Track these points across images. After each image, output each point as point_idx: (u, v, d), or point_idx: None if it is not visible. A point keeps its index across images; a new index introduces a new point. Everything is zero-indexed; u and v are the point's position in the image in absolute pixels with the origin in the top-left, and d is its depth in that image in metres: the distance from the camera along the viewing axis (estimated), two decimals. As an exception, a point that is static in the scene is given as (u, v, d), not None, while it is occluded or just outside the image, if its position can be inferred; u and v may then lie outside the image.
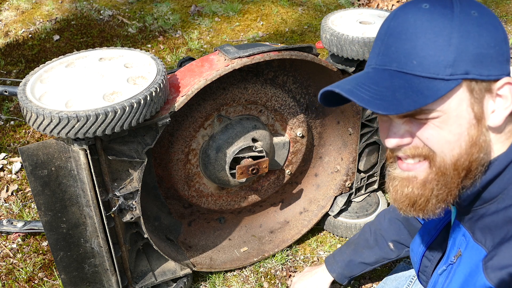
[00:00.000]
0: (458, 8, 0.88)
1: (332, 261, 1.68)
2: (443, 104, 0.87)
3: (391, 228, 1.58)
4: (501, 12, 3.95)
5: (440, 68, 0.86)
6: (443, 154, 0.90)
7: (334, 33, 1.67)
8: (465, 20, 0.87)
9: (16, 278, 1.89)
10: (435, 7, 0.89)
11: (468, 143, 0.89)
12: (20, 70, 3.04)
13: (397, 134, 0.93)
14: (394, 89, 0.87)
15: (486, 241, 0.95)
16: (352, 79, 0.92)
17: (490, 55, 0.87)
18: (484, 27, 0.87)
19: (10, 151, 2.48)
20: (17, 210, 2.18)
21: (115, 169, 1.44)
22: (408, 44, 0.88)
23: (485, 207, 0.96)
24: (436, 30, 0.87)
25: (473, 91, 0.88)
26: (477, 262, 0.95)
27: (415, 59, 0.87)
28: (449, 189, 0.93)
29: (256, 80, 1.70)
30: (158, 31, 3.49)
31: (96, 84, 1.35)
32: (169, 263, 1.76)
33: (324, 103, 0.96)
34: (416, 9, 0.90)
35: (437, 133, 0.89)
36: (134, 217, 1.53)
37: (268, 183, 1.96)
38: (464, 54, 0.86)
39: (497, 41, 0.88)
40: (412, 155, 0.94)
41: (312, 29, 3.61)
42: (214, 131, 1.71)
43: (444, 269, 1.09)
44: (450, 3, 0.89)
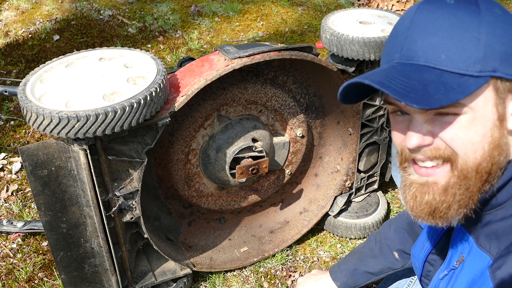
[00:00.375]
0: (483, 5, 0.86)
1: (337, 269, 1.64)
2: (471, 102, 0.85)
3: (396, 238, 1.54)
4: (501, 12, 3.95)
5: (470, 64, 0.84)
6: (466, 156, 0.87)
7: (334, 33, 1.67)
8: (491, 17, 0.85)
9: (16, 278, 1.89)
10: (460, 3, 0.87)
11: (491, 145, 0.87)
12: (20, 70, 3.04)
13: (418, 134, 0.89)
14: (425, 83, 0.83)
15: (491, 247, 0.92)
16: (379, 72, 0.88)
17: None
18: (509, 25, 0.86)
19: (10, 151, 2.48)
20: (17, 210, 2.18)
21: (115, 169, 1.44)
22: (435, 38, 0.86)
23: (492, 213, 0.93)
24: (464, 25, 0.85)
25: (498, 90, 0.85)
26: (481, 269, 0.92)
27: (443, 53, 0.85)
28: (471, 193, 0.90)
29: (256, 80, 1.70)
30: (158, 31, 3.49)
31: (96, 84, 1.35)
32: (169, 263, 1.76)
33: (344, 98, 0.93)
34: (441, 3, 0.88)
35: (462, 133, 0.86)
36: (134, 217, 1.53)
37: (268, 183, 1.96)
38: (492, 51, 0.84)
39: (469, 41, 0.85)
40: (432, 156, 0.90)
41: (312, 29, 3.61)
42: (214, 131, 1.71)
43: (445, 273, 1.06)
44: (474, 0, 0.87)
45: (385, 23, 1.76)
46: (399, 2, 4.05)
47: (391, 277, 1.66)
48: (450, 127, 0.87)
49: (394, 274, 1.64)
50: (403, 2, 4.06)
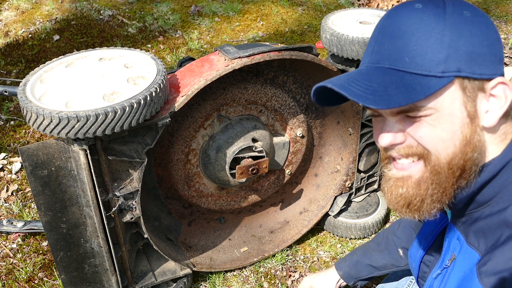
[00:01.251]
0: (451, 8, 0.89)
1: (342, 260, 1.68)
2: (436, 101, 0.87)
3: (403, 235, 1.56)
4: (501, 12, 3.95)
5: (432, 65, 0.87)
6: (438, 153, 0.90)
7: (334, 33, 1.67)
8: (457, 20, 0.88)
9: (16, 278, 1.89)
10: (428, 7, 0.90)
11: (462, 142, 0.89)
12: (20, 70, 3.04)
13: (390, 132, 0.94)
14: (386, 85, 0.87)
15: (480, 244, 0.94)
16: (345, 76, 0.92)
17: (482, 54, 0.87)
18: (477, 26, 0.88)
19: (10, 151, 2.48)
20: (17, 210, 2.18)
21: (115, 169, 1.44)
22: (400, 42, 0.89)
23: (479, 210, 0.95)
24: (428, 28, 0.88)
25: (465, 89, 0.88)
26: (470, 266, 0.94)
27: (407, 56, 0.88)
28: (443, 188, 0.93)
29: (256, 80, 1.70)
30: (158, 31, 3.49)
31: (96, 84, 1.35)
32: (169, 263, 1.76)
33: (318, 101, 0.97)
34: (409, 8, 0.91)
35: (430, 131, 0.90)
36: (134, 217, 1.53)
37: (268, 183, 1.96)
38: (456, 51, 0.87)
39: (490, 40, 0.88)
40: (406, 154, 0.94)
41: (312, 29, 3.61)
42: (214, 131, 1.71)
43: (438, 272, 1.08)
44: (442, 3, 0.90)
45: (385, 23, 1.75)
46: (398, 1, 4.05)
47: (391, 276, 1.66)
48: (418, 125, 0.90)
49: (395, 273, 1.64)
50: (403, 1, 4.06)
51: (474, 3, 4.07)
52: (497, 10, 3.97)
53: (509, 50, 3.48)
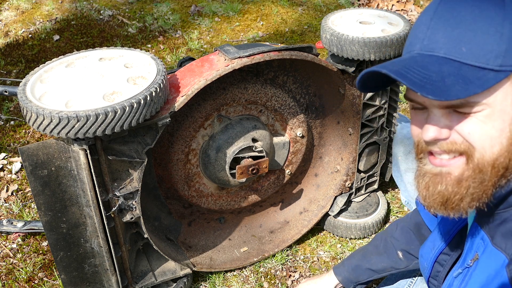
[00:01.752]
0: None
1: (340, 265, 1.65)
2: (490, 96, 0.83)
3: (402, 237, 1.54)
4: (501, 12, 3.95)
5: (491, 57, 0.82)
6: (483, 150, 0.86)
7: (334, 33, 1.67)
8: None
9: (16, 278, 1.89)
10: None
11: (509, 140, 0.85)
12: (20, 70, 3.04)
13: (436, 127, 0.89)
14: (444, 75, 0.82)
15: (507, 246, 0.91)
16: (398, 62, 0.87)
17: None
18: None
19: (10, 151, 2.48)
20: (17, 210, 2.18)
21: (115, 169, 1.44)
22: (457, 30, 0.84)
23: (509, 211, 0.92)
24: (487, 18, 0.83)
25: None
26: (496, 267, 0.91)
27: (464, 46, 0.84)
28: (485, 187, 0.89)
29: (256, 80, 1.70)
30: (158, 31, 3.49)
31: (96, 84, 1.35)
32: (169, 263, 1.76)
33: (362, 86, 0.92)
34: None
35: (480, 128, 0.85)
36: (134, 217, 1.53)
37: (268, 183, 1.96)
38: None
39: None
40: (448, 150, 0.89)
41: (312, 29, 3.61)
42: (214, 131, 1.71)
43: (459, 272, 1.05)
44: None
45: (385, 23, 1.76)
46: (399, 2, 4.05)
47: (391, 278, 1.66)
48: (468, 121, 0.86)
49: (395, 275, 1.64)
50: (403, 2, 4.06)
51: (474, 3, 4.07)
52: (497, 10, 3.97)
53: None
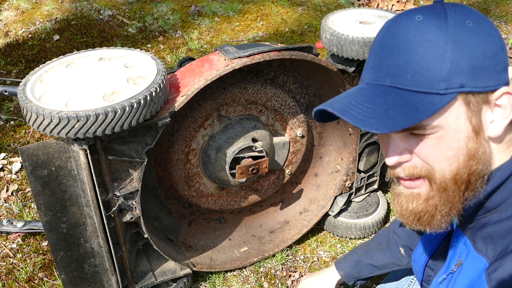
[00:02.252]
0: (453, 19, 0.85)
1: (342, 260, 1.66)
2: (440, 118, 0.85)
3: (404, 233, 1.54)
4: (501, 12, 3.95)
5: (435, 82, 0.84)
6: (442, 170, 0.89)
7: (334, 33, 1.67)
8: (460, 32, 0.85)
9: (16, 278, 1.89)
10: (429, 19, 0.86)
11: (466, 157, 0.88)
12: (20, 70, 3.04)
13: (395, 152, 0.92)
14: (388, 106, 0.84)
15: (488, 250, 0.93)
16: (346, 97, 0.90)
17: (486, 66, 0.85)
18: (480, 37, 0.85)
19: (10, 151, 2.48)
20: (17, 210, 2.18)
21: (115, 169, 1.44)
22: (401, 58, 0.86)
23: (487, 216, 0.94)
24: (430, 43, 0.84)
25: (470, 103, 0.85)
26: (478, 272, 0.93)
27: (408, 73, 0.85)
28: (451, 203, 0.92)
29: (256, 80, 1.70)
30: (158, 31, 3.49)
31: (96, 84, 1.35)
32: (169, 263, 1.76)
33: (319, 119, 0.96)
34: (409, 21, 0.88)
35: (435, 150, 0.88)
36: (134, 217, 1.53)
37: (268, 183, 1.96)
38: (459, 67, 0.84)
39: (494, 51, 0.86)
40: (411, 175, 0.93)
41: (312, 29, 3.61)
42: (214, 131, 1.71)
43: (444, 277, 1.07)
44: (444, 14, 0.86)
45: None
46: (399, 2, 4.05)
47: (391, 276, 1.66)
48: (424, 143, 0.88)
49: (394, 273, 1.64)
50: (403, 2, 4.06)
51: (474, 3, 4.07)
52: (497, 10, 3.97)
53: (509, 50, 3.48)
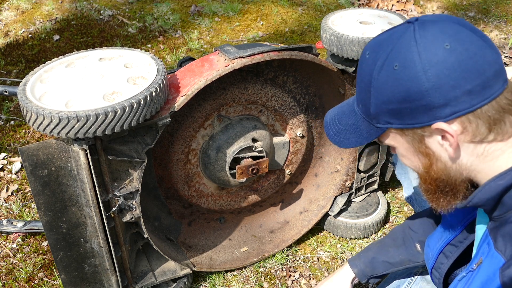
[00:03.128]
0: (381, 61, 0.95)
1: (356, 258, 1.62)
2: (387, 140, 1.04)
3: (420, 229, 1.53)
4: (501, 12, 3.95)
5: (370, 116, 1.02)
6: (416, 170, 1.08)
7: (334, 33, 1.66)
8: (383, 76, 0.95)
9: (16, 278, 1.89)
10: (369, 59, 0.98)
11: (423, 168, 1.03)
12: (20, 70, 3.04)
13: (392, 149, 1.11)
14: (348, 127, 1.08)
15: (506, 250, 0.95)
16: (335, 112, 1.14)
17: (408, 108, 0.93)
18: (401, 82, 0.92)
19: (10, 151, 2.48)
20: (17, 210, 2.18)
21: (115, 169, 1.44)
22: (359, 91, 1.04)
23: (508, 213, 0.96)
24: (364, 84, 1.00)
25: (405, 134, 0.99)
26: (494, 270, 0.95)
27: (360, 103, 1.04)
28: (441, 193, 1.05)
29: (256, 80, 1.70)
30: (158, 31, 3.49)
31: (96, 84, 1.35)
32: (169, 263, 1.76)
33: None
34: (362, 57, 1.03)
35: (402, 158, 1.08)
36: (134, 217, 1.53)
37: (268, 183, 1.96)
38: (380, 109, 0.97)
39: (417, 94, 0.92)
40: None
41: (312, 29, 3.61)
42: (214, 131, 1.71)
43: (464, 275, 1.09)
44: (381, 54, 0.95)
45: (385, 23, 1.76)
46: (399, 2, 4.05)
47: (391, 276, 1.66)
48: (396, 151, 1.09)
49: (394, 274, 1.64)
50: (403, 2, 4.06)
51: (474, 3, 4.07)
52: (497, 10, 3.97)
53: (509, 50, 3.48)
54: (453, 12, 3.95)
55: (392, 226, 2.13)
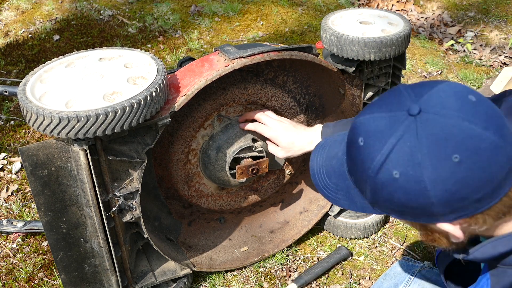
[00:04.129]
0: (380, 160, 0.88)
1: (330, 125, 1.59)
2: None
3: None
4: (501, 12, 3.95)
5: (367, 199, 0.96)
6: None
7: (334, 33, 1.66)
8: (382, 178, 0.89)
9: (16, 278, 1.89)
10: (364, 149, 0.94)
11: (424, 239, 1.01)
12: (20, 70, 3.04)
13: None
14: (338, 188, 1.03)
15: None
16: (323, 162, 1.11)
17: (408, 211, 0.90)
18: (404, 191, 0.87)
19: (10, 151, 2.48)
20: (17, 210, 2.18)
21: (115, 169, 1.44)
22: (347, 163, 1.02)
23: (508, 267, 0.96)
24: (359, 172, 0.97)
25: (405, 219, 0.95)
26: None
27: (353, 177, 0.99)
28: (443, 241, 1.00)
29: (256, 80, 1.70)
30: (158, 31, 3.49)
31: (96, 84, 1.35)
32: (169, 263, 1.76)
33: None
34: (353, 138, 0.99)
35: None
36: (134, 217, 1.53)
37: (268, 183, 1.97)
38: (379, 202, 0.93)
39: (421, 205, 0.87)
40: None
41: (312, 29, 3.61)
42: (214, 131, 1.71)
43: None
44: (378, 150, 0.89)
45: (385, 23, 1.76)
46: (399, 2, 4.05)
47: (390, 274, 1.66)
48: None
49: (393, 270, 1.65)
50: (403, 2, 4.06)
51: (474, 3, 4.07)
52: (497, 10, 3.97)
53: (509, 50, 3.48)
54: (453, 12, 3.95)
55: (392, 226, 2.13)
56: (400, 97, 0.88)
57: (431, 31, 3.73)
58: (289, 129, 1.62)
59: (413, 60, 3.34)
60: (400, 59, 1.82)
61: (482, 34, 3.70)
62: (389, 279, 1.63)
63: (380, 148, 0.86)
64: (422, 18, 3.88)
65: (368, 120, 0.90)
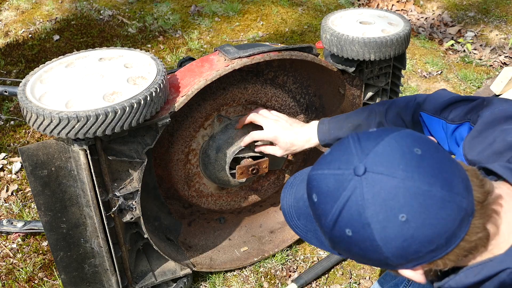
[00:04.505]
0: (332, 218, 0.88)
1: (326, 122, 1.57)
2: None
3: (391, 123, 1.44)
4: (501, 12, 3.95)
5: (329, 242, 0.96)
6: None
7: (334, 33, 1.66)
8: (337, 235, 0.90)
9: (16, 278, 1.89)
10: (318, 205, 0.94)
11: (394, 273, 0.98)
12: (20, 70, 3.04)
13: None
14: (307, 229, 1.04)
15: None
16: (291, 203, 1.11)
17: (365, 261, 0.91)
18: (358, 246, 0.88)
19: (10, 151, 2.48)
20: (17, 210, 2.18)
21: (115, 169, 1.44)
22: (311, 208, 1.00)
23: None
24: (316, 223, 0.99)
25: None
26: None
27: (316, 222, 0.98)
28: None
29: (256, 80, 1.70)
30: (158, 31, 3.49)
31: (96, 84, 1.35)
32: (169, 263, 1.76)
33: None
34: (308, 192, 1.00)
35: None
36: (134, 217, 1.53)
37: (268, 183, 1.97)
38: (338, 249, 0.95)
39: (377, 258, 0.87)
40: None
41: (312, 29, 3.61)
42: (214, 131, 1.71)
43: None
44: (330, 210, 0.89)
45: (385, 23, 1.76)
46: (399, 2, 4.05)
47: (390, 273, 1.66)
48: None
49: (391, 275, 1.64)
50: (403, 2, 4.06)
51: (474, 3, 4.07)
52: (497, 10, 3.97)
53: (509, 50, 3.48)
54: (453, 12, 3.95)
55: (392, 226, 2.13)
56: (347, 153, 0.89)
57: (431, 31, 3.74)
58: (287, 128, 1.62)
59: (413, 60, 3.34)
60: (400, 59, 1.82)
61: (482, 34, 3.70)
62: (389, 279, 1.63)
63: (331, 208, 0.87)
64: (422, 18, 3.88)
65: (320, 177, 0.91)
